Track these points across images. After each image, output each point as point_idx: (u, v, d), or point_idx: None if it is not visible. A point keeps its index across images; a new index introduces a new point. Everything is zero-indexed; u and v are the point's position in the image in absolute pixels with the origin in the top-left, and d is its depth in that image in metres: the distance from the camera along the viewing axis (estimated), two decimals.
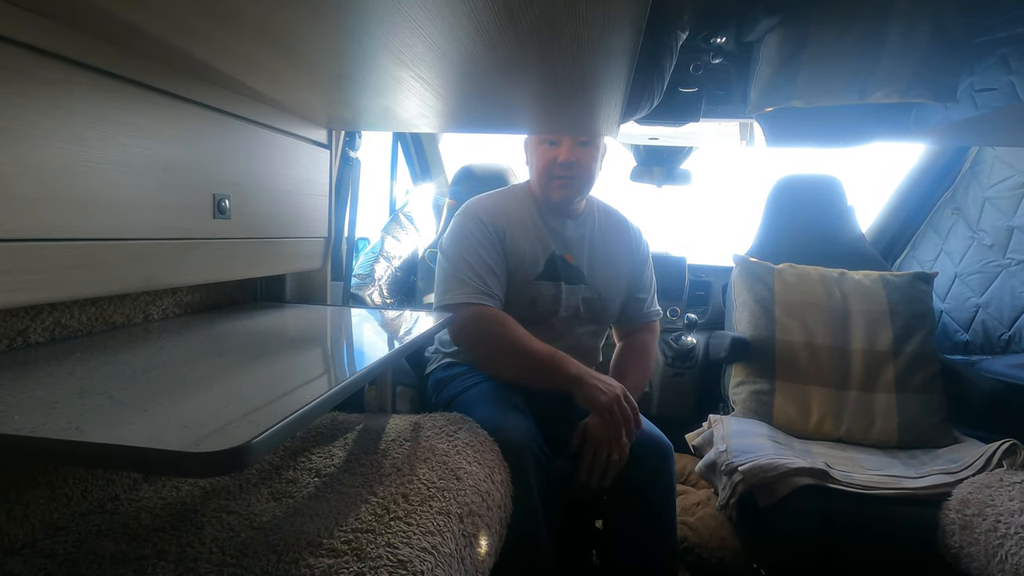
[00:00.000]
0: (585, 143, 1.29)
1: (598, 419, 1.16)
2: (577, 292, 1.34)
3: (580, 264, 1.35)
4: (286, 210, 1.05)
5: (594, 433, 1.15)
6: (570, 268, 1.34)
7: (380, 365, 0.74)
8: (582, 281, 1.34)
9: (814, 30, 1.04)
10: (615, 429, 1.13)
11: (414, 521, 0.70)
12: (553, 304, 1.32)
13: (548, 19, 0.52)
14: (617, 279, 1.40)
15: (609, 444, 1.14)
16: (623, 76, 0.67)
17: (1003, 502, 1.04)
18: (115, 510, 0.73)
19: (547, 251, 1.33)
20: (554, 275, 1.32)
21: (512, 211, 1.34)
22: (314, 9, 0.52)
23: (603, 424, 1.14)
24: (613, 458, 1.14)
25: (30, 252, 0.59)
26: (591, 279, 1.35)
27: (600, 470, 1.15)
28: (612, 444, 1.14)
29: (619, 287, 1.40)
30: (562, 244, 1.35)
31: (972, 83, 1.06)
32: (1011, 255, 1.61)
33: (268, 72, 0.77)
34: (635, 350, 1.40)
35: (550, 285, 1.31)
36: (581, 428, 1.18)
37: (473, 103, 0.88)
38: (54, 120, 0.61)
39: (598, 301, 1.36)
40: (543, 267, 1.31)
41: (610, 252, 1.40)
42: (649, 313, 1.47)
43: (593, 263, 1.37)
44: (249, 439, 0.42)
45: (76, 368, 0.63)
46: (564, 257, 1.34)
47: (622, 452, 1.15)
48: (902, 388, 1.53)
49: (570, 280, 1.33)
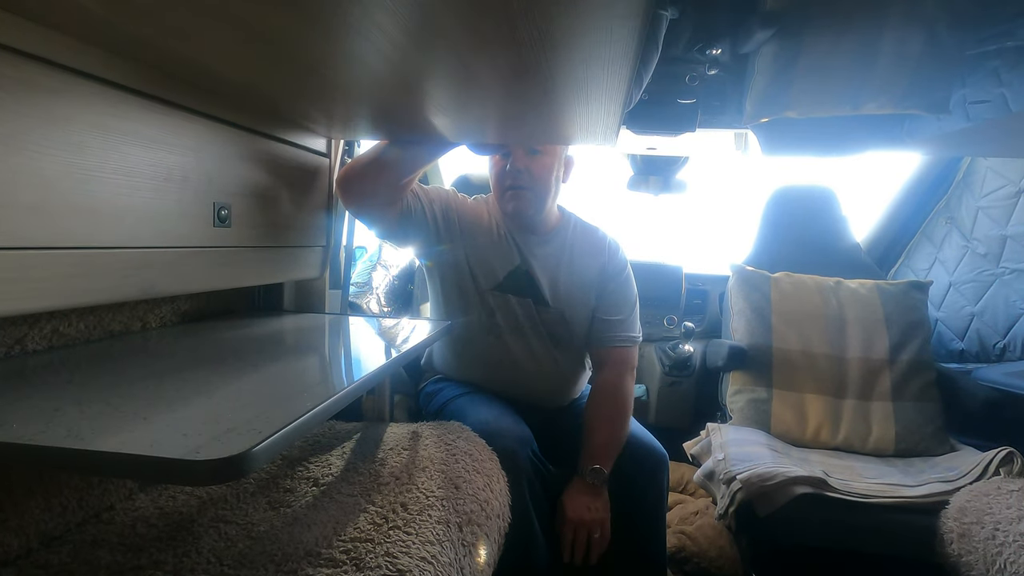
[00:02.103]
0: (535, 151, 1.21)
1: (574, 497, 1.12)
2: (541, 312, 1.27)
3: (544, 284, 1.27)
4: (285, 219, 1.05)
5: (570, 514, 1.10)
6: (533, 285, 1.26)
7: (379, 373, 0.74)
8: (544, 304, 1.27)
9: (808, 42, 1.06)
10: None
11: (413, 530, 0.70)
12: (514, 318, 1.25)
13: (547, 32, 0.52)
14: (584, 299, 1.29)
15: (588, 522, 1.10)
16: (622, 87, 0.68)
17: (1001, 510, 1.04)
18: (111, 520, 0.72)
19: (511, 264, 1.27)
20: (516, 290, 1.26)
21: (484, 217, 1.30)
22: (314, 20, 0.53)
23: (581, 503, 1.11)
24: (595, 536, 1.11)
25: (30, 260, 0.59)
26: (555, 301, 1.27)
27: (582, 550, 1.10)
28: (590, 520, 1.10)
29: (586, 307, 1.30)
30: (528, 260, 1.27)
31: (964, 95, 1.07)
32: (1005, 264, 1.63)
33: (269, 82, 0.77)
34: (601, 395, 1.24)
35: (512, 299, 1.25)
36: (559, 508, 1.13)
37: (469, 116, 0.89)
38: (54, 129, 0.61)
39: (562, 324, 1.28)
40: (503, 279, 1.26)
41: (578, 271, 1.30)
42: (619, 336, 1.29)
43: (557, 284, 1.28)
44: (249, 447, 0.42)
45: (74, 376, 0.63)
46: (528, 273, 1.27)
47: (602, 526, 1.11)
48: (899, 396, 1.54)
49: (534, 298, 1.26)
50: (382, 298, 1.68)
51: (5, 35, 0.55)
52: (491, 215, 1.30)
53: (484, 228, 1.28)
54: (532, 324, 1.27)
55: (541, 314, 1.27)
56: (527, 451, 1.07)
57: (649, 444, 1.22)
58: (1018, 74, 0.97)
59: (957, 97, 1.08)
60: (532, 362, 1.27)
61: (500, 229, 1.29)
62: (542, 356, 1.28)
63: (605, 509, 1.13)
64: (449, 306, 1.30)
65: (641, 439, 1.22)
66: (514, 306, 1.26)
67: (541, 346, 1.28)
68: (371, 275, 1.68)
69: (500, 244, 1.27)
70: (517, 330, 1.26)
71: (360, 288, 1.61)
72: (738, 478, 1.20)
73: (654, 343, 2.03)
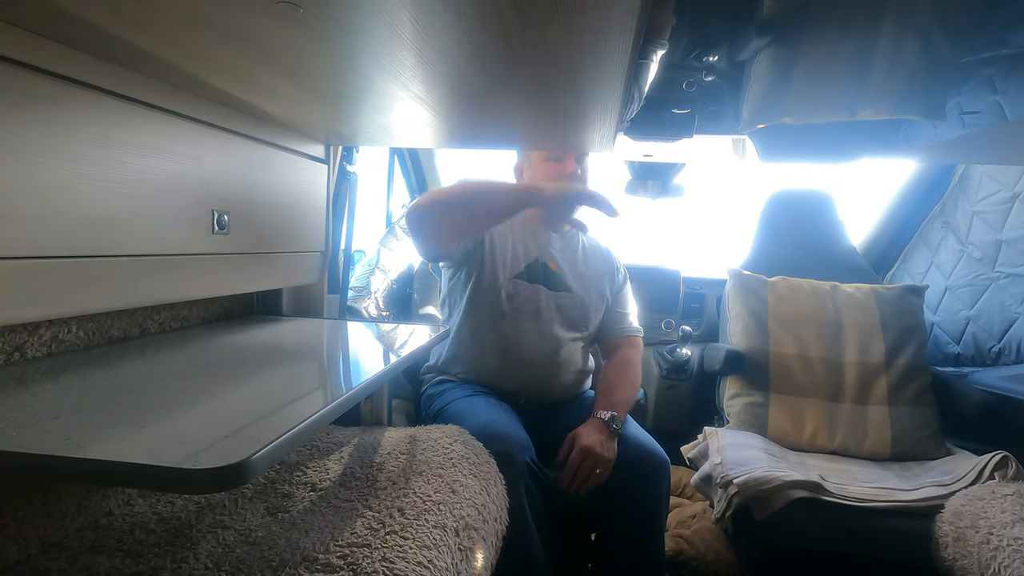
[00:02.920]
0: (581, 160, 1.37)
1: (592, 432, 1.18)
2: (558, 298, 1.38)
3: (562, 273, 1.41)
4: (284, 225, 1.05)
5: (584, 440, 1.17)
6: (552, 275, 1.40)
7: (378, 379, 0.74)
8: (564, 289, 1.40)
9: (804, 50, 1.06)
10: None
11: (410, 535, 0.70)
12: (531, 303, 1.36)
13: (543, 42, 0.53)
14: (599, 291, 1.45)
15: (597, 454, 1.15)
16: (618, 94, 0.69)
17: (996, 514, 1.05)
18: (109, 525, 0.72)
19: (530, 256, 1.40)
20: (534, 278, 1.38)
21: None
22: (312, 29, 0.53)
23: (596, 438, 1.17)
24: (596, 471, 1.16)
25: (31, 270, 0.60)
26: (574, 288, 1.41)
27: (581, 480, 1.16)
28: (600, 454, 1.16)
29: (601, 299, 1.46)
30: (547, 254, 1.41)
31: (960, 103, 1.08)
32: (1000, 268, 1.64)
33: (267, 90, 0.78)
34: (619, 364, 1.42)
35: (529, 286, 1.37)
36: (571, 437, 1.20)
37: (469, 122, 0.90)
38: (55, 138, 0.61)
39: (579, 309, 1.40)
40: (524, 268, 1.38)
41: (592, 268, 1.47)
42: (629, 328, 1.49)
43: (576, 274, 1.43)
44: (249, 455, 0.42)
45: (73, 383, 0.63)
46: (547, 265, 1.40)
47: (606, 466, 1.16)
48: (895, 400, 1.54)
49: (551, 286, 1.39)
50: (380, 302, 1.68)
51: (6, 47, 0.55)
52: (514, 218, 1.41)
53: (509, 229, 1.41)
54: (547, 308, 1.37)
55: (557, 299, 1.38)
56: (525, 456, 1.08)
57: (650, 448, 1.22)
58: (1013, 82, 0.98)
59: (952, 105, 1.09)
60: (541, 347, 1.34)
61: (522, 226, 1.43)
62: (551, 340, 1.35)
63: (613, 452, 1.19)
64: (471, 294, 1.37)
65: (642, 442, 1.23)
66: (531, 293, 1.36)
67: (552, 330, 1.36)
68: (369, 279, 1.68)
69: (521, 240, 1.41)
70: (532, 315, 1.36)
71: (358, 292, 1.62)
72: (735, 482, 1.20)
73: (652, 347, 2.04)
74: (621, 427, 1.23)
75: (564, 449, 1.19)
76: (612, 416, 1.22)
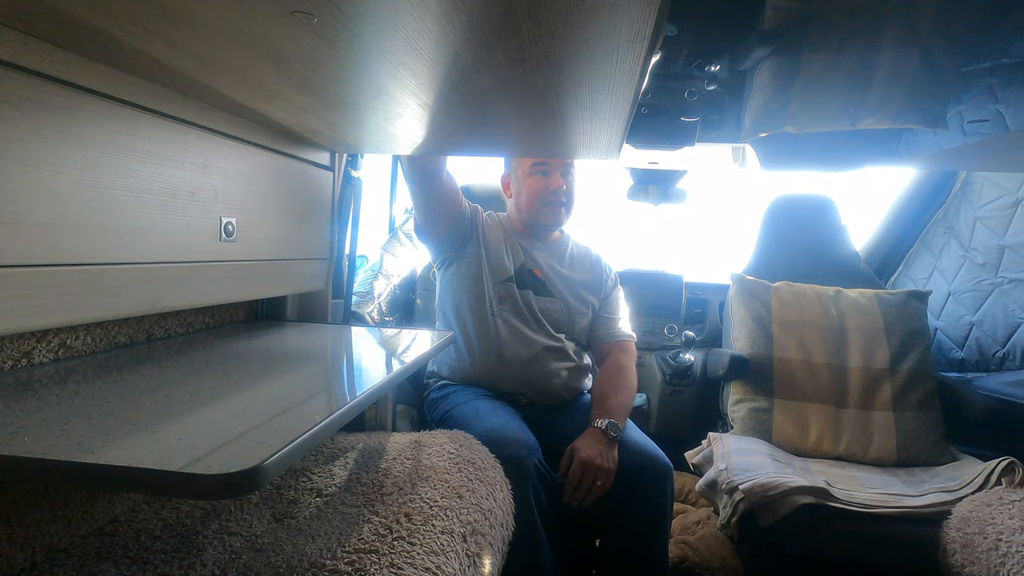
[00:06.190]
0: (567, 173, 1.45)
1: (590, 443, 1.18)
2: (542, 303, 1.45)
3: (547, 279, 1.47)
4: (290, 232, 1.06)
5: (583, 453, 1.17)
6: (537, 281, 1.47)
7: (386, 385, 0.74)
8: (548, 294, 1.46)
9: (806, 59, 1.07)
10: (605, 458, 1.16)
11: (417, 541, 0.70)
12: (519, 305, 1.42)
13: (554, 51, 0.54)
14: (585, 297, 1.49)
15: (597, 465, 1.15)
16: (626, 103, 0.69)
17: (1004, 520, 1.05)
18: (115, 532, 0.72)
19: (517, 262, 1.47)
20: (522, 283, 1.45)
21: (497, 227, 1.51)
22: (325, 38, 0.54)
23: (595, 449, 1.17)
24: (598, 483, 1.16)
25: (40, 278, 0.60)
26: (558, 292, 1.46)
27: (583, 493, 1.16)
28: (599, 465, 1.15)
29: (586, 304, 1.49)
30: (532, 261, 1.48)
31: (961, 112, 1.09)
32: (1003, 273, 1.64)
33: (276, 98, 0.78)
34: (612, 370, 1.42)
35: (516, 290, 1.43)
36: (570, 449, 1.20)
37: (478, 131, 0.90)
38: (67, 147, 0.62)
39: (563, 313, 1.46)
40: (512, 272, 1.45)
41: (577, 276, 1.51)
42: (619, 333, 1.51)
43: (561, 280, 1.48)
44: (260, 461, 0.42)
45: (81, 388, 0.63)
46: (533, 272, 1.47)
47: (607, 477, 1.16)
48: (899, 406, 1.54)
49: (537, 291, 1.45)
50: (384, 307, 1.69)
51: (19, 56, 0.56)
52: (502, 225, 1.52)
53: (498, 235, 1.49)
54: (531, 311, 1.43)
55: (541, 303, 1.45)
56: (534, 459, 1.08)
57: (653, 453, 1.22)
58: (1014, 91, 0.99)
59: (953, 114, 1.09)
60: (530, 347, 1.38)
61: (508, 236, 1.51)
62: (539, 341, 1.40)
63: (614, 462, 1.19)
64: (463, 295, 1.43)
65: (645, 448, 1.23)
66: (517, 295, 1.42)
67: (539, 332, 1.42)
68: (372, 284, 1.68)
69: (509, 248, 1.48)
70: (520, 317, 1.41)
71: (362, 297, 1.62)
72: (740, 488, 1.20)
73: (654, 352, 2.04)
74: (620, 433, 1.22)
75: (564, 462, 1.19)
76: (609, 423, 1.22)
